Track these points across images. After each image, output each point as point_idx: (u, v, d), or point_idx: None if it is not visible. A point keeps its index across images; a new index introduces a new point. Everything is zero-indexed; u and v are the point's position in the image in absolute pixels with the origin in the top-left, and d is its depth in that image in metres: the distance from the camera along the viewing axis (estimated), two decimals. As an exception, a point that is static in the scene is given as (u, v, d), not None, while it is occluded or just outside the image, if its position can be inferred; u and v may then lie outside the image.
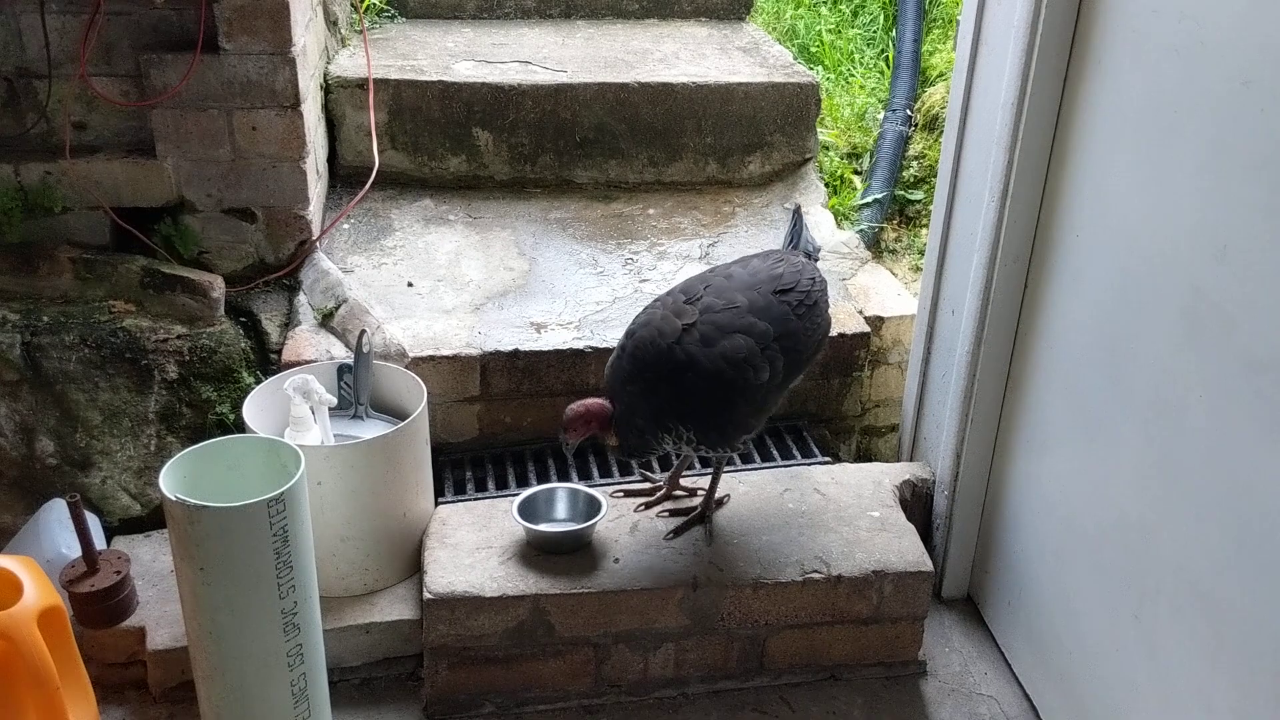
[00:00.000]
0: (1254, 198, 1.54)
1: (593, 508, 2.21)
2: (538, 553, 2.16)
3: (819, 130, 3.33)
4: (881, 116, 3.52)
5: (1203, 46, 1.64)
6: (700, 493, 2.29)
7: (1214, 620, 1.65)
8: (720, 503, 2.28)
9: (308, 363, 2.39)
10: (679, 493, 2.31)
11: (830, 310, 2.18)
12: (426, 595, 2.07)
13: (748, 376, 1.99)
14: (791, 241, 2.26)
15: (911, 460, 2.58)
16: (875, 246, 3.17)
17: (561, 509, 2.26)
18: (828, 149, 3.45)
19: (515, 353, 2.50)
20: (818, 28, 4.05)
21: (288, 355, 2.46)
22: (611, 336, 2.52)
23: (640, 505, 2.28)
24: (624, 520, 2.25)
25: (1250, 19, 1.54)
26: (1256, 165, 1.53)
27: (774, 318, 2.02)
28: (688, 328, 1.99)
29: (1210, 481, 1.65)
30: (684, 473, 2.35)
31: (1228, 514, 1.61)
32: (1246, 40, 1.55)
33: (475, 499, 2.40)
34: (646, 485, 2.35)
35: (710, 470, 2.28)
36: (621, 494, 2.31)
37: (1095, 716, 1.98)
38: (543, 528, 2.17)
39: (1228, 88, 1.59)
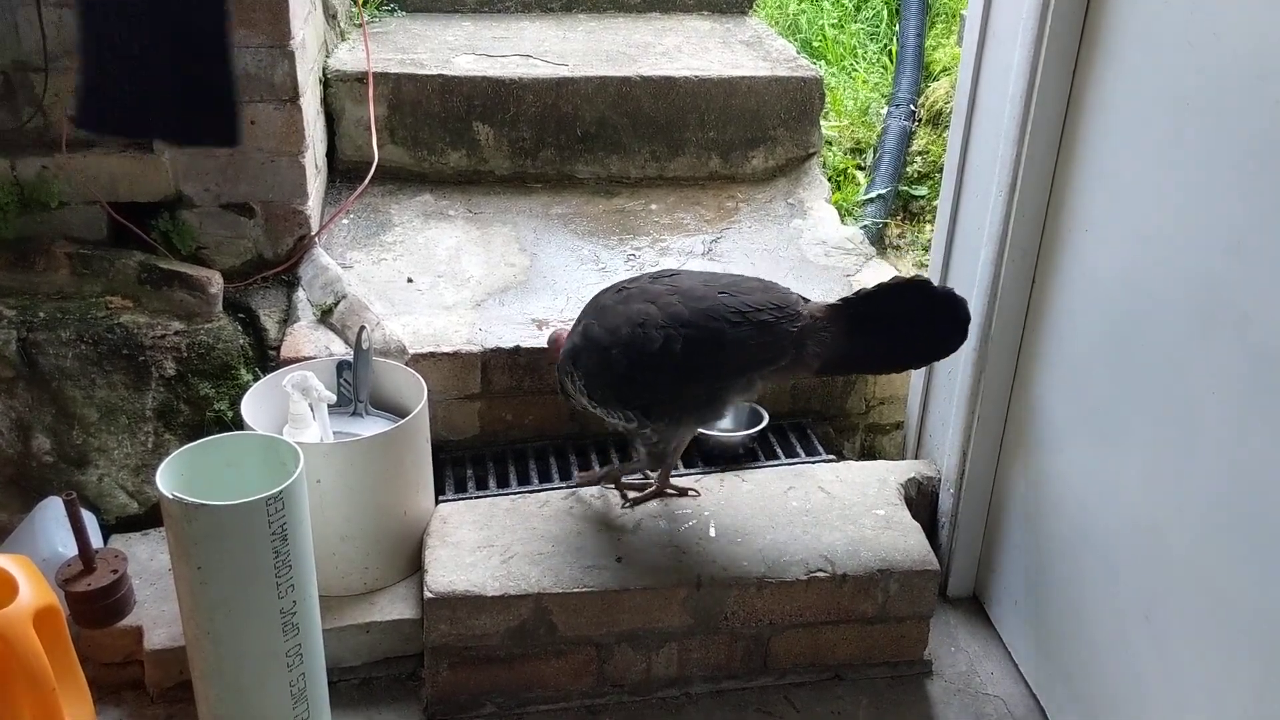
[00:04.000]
0: (1268, 191, 1.52)
1: (755, 417, 2.52)
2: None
3: (821, 125, 3.31)
4: (885, 112, 3.50)
5: (1216, 39, 1.62)
6: (691, 493, 2.31)
7: (1227, 621, 1.63)
8: (683, 492, 2.29)
9: (307, 359, 2.37)
10: (669, 491, 2.29)
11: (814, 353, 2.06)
12: (427, 594, 2.05)
13: (640, 341, 2.02)
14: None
15: (917, 458, 2.56)
16: (879, 242, 3.14)
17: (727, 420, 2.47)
18: (831, 144, 3.43)
19: (517, 349, 2.47)
20: (820, 22, 4.03)
21: (286, 352, 2.43)
22: (614, 333, 2.50)
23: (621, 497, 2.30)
24: (626, 518, 2.23)
25: (1265, 11, 1.52)
26: (1270, 158, 1.51)
27: (700, 310, 2.03)
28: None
29: (1222, 479, 1.63)
30: (674, 471, 2.35)
31: (1240, 512, 1.59)
32: (1261, 33, 1.53)
33: (476, 497, 2.38)
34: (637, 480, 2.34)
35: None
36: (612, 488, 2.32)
37: (1104, 717, 1.96)
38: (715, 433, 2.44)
39: (1241, 80, 1.57)
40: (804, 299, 2.11)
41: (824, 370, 2.12)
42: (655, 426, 2.11)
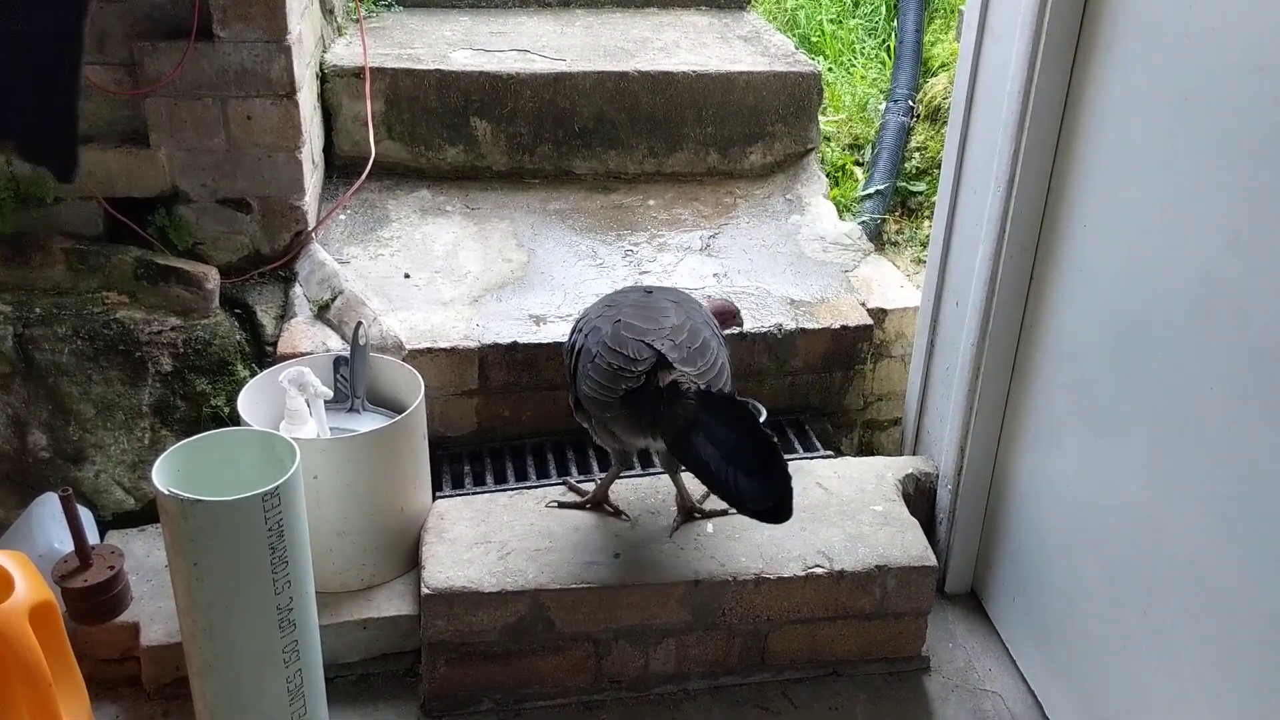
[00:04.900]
0: (1266, 185, 1.51)
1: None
2: None
3: (820, 121, 3.30)
4: (883, 107, 3.49)
5: (1214, 32, 1.61)
6: (624, 518, 2.23)
7: (1225, 617, 1.63)
8: (616, 511, 2.23)
9: (303, 355, 2.36)
10: (607, 508, 2.24)
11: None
12: (424, 590, 2.05)
13: (570, 337, 2.12)
14: None
15: (915, 454, 2.56)
16: (877, 238, 3.14)
17: None
18: (829, 140, 3.43)
19: (514, 345, 2.47)
20: (819, 17, 4.02)
21: (283, 347, 2.43)
22: (611, 328, 2.49)
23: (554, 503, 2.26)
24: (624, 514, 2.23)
25: (1263, 4, 1.51)
26: (1269, 152, 1.51)
27: (595, 330, 2.03)
28: None
29: (1221, 475, 1.62)
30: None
31: (1239, 509, 1.59)
32: (1259, 26, 1.52)
33: (474, 493, 2.37)
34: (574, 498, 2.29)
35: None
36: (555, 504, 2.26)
37: (1102, 713, 1.96)
38: None
39: (1240, 74, 1.56)
40: (667, 365, 1.89)
41: (673, 449, 1.91)
42: (588, 425, 2.09)
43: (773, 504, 1.82)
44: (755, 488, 1.81)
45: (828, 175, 3.28)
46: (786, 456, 2.48)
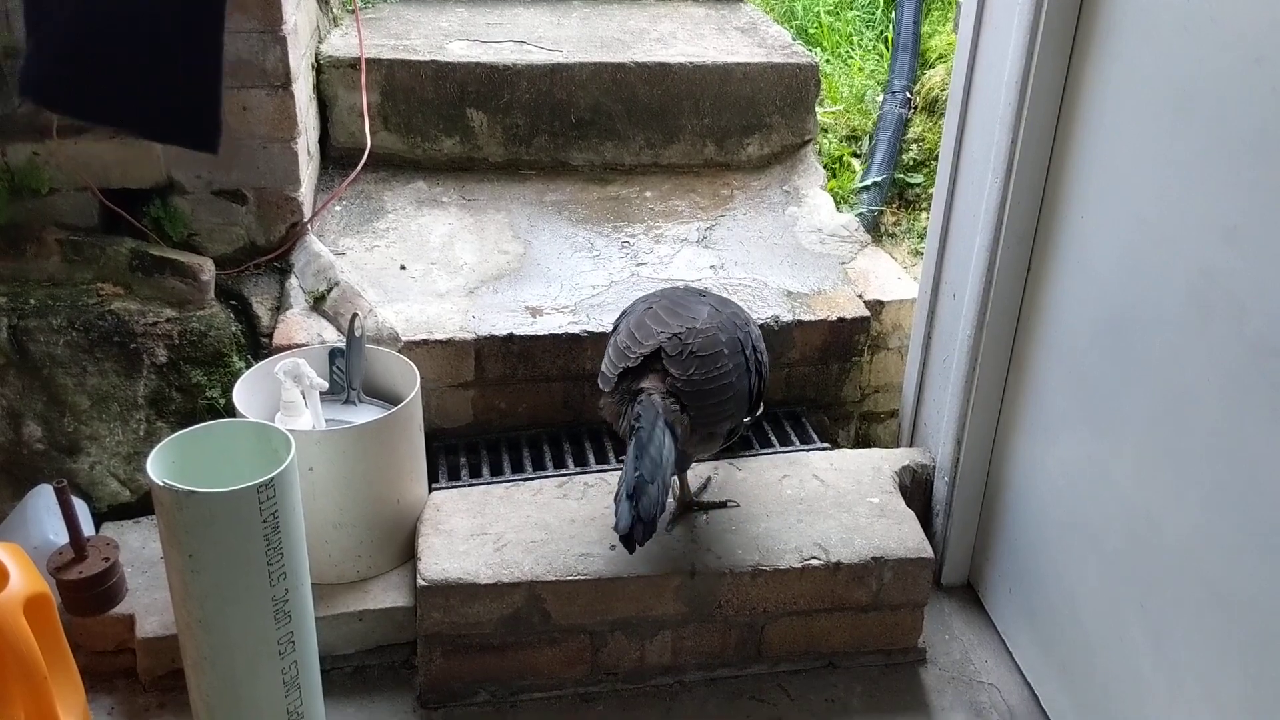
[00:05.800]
0: (1265, 178, 1.51)
1: None
2: None
3: (817, 112, 3.30)
4: (880, 99, 3.49)
5: (1213, 23, 1.61)
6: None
7: (1223, 610, 1.63)
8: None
9: (299, 346, 2.36)
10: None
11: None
12: (420, 582, 2.05)
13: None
14: None
15: (911, 446, 2.56)
16: (875, 230, 3.14)
17: None
18: (826, 131, 3.42)
19: (510, 337, 2.46)
20: (816, 9, 4.01)
21: (279, 339, 2.42)
22: (608, 321, 2.48)
23: None
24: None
25: (1262, -6, 1.51)
26: (1267, 144, 1.50)
27: (631, 309, 2.17)
28: None
29: (1218, 468, 1.62)
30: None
31: (1236, 502, 1.59)
32: (1258, 17, 1.52)
33: (470, 485, 2.37)
34: None
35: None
36: None
37: (1098, 706, 1.96)
38: None
39: (1238, 65, 1.56)
40: (656, 367, 1.99)
41: (626, 442, 2.01)
42: None
43: (624, 533, 1.89)
44: (623, 511, 1.89)
45: (825, 167, 3.28)
46: (782, 449, 2.52)
